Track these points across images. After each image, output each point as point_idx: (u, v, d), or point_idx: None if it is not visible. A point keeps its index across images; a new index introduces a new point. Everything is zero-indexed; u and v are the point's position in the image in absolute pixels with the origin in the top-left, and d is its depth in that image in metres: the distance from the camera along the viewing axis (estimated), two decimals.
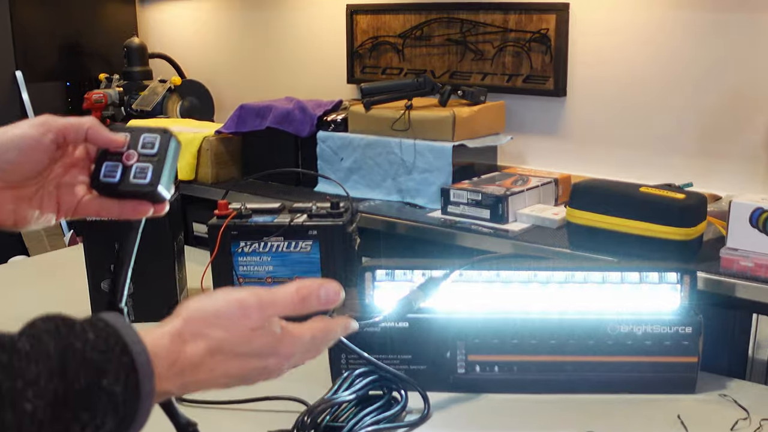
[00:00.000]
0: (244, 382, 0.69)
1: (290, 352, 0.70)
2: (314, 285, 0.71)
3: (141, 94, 2.80)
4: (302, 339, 0.71)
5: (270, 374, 0.70)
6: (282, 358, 0.70)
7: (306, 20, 2.76)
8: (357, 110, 2.08)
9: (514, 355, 1.29)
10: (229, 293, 0.68)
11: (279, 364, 0.70)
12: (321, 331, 0.73)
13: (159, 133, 0.77)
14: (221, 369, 0.66)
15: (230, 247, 1.55)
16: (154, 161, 0.77)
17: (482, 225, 1.77)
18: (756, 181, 1.89)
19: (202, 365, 0.65)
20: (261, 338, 0.68)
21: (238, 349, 0.66)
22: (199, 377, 0.65)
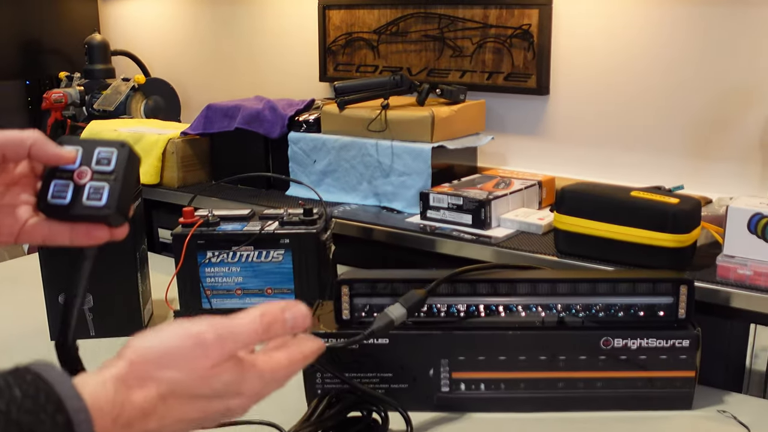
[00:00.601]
0: (203, 425, 0.61)
1: (256, 390, 0.63)
2: (279, 310, 0.64)
3: (103, 94, 2.72)
4: (269, 373, 0.64)
5: (233, 415, 0.63)
6: (246, 398, 0.62)
7: (276, 16, 2.69)
8: (330, 110, 2.01)
9: (502, 371, 1.25)
10: (181, 327, 0.60)
11: (243, 404, 0.63)
12: (290, 361, 0.65)
13: (116, 147, 0.68)
14: (175, 415, 0.58)
15: (196, 258, 1.49)
16: (110, 179, 0.68)
17: (464, 231, 1.70)
18: (749, 182, 1.84)
19: (152, 414, 0.56)
20: (222, 377, 0.60)
21: (196, 391, 0.59)
22: (149, 427, 0.56)
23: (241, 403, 0.63)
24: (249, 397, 0.63)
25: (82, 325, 1.53)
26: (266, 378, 0.63)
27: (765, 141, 1.79)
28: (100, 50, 2.84)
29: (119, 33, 3.18)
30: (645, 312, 1.24)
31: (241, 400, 0.62)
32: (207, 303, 1.50)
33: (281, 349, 0.66)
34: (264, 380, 0.63)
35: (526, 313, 1.25)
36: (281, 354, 0.65)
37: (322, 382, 1.25)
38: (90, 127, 2.37)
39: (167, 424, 0.58)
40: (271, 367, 0.64)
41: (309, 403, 1.22)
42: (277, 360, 0.65)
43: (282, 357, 0.65)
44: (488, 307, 1.25)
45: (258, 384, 0.63)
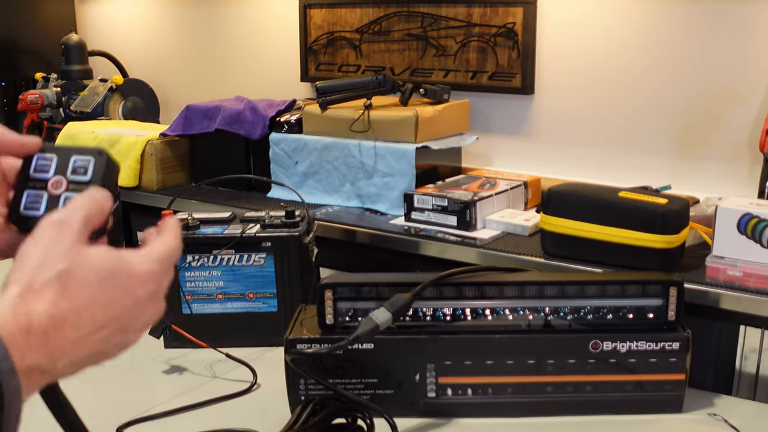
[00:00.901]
0: (124, 324, 0.61)
1: (154, 268, 0.63)
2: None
3: (80, 95, 2.68)
4: (151, 251, 0.64)
5: (148, 309, 0.63)
6: (146, 280, 0.62)
7: (256, 15, 2.66)
8: (312, 110, 1.97)
9: (489, 376, 1.24)
10: (41, 227, 0.61)
11: (147, 290, 0.62)
12: (167, 235, 0.67)
13: (93, 155, 0.65)
14: (87, 316, 0.57)
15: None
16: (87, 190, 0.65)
17: (449, 233, 1.67)
18: (737, 182, 1.83)
19: (64, 321, 0.56)
20: (99, 253, 0.60)
21: (85, 275, 0.58)
22: (69, 336, 0.56)
23: (145, 291, 0.61)
24: (144, 276, 0.61)
25: None
26: (152, 255, 0.63)
27: (753, 140, 1.78)
28: (76, 50, 2.79)
29: (96, 33, 3.13)
30: (634, 314, 1.23)
31: (143, 286, 0.61)
32: (187, 308, 1.47)
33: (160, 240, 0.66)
34: (146, 255, 0.63)
35: (514, 316, 1.23)
36: (159, 237, 0.66)
37: (305, 388, 1.23)
38: (67, 129, 2.33)
39: (86, 334, 0.58)
40: (149, 244, 0.65)
41: (292, 411, 1.21)
42: (150, 241, 0.65)
43: (160, 238, 0.66)
44: (475, 311, 1.24)
45: (142, 260, 0.62)
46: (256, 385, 1.34)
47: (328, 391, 1.20)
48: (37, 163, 0.65)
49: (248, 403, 1.30)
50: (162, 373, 1.41)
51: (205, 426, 1.20)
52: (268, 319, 1.48)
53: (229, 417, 1.25)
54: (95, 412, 1.26)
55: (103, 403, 1.31)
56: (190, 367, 1.42)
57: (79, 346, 0.57)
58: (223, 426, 1.20)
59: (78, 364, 0.59)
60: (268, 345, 1.48)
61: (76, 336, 0.57)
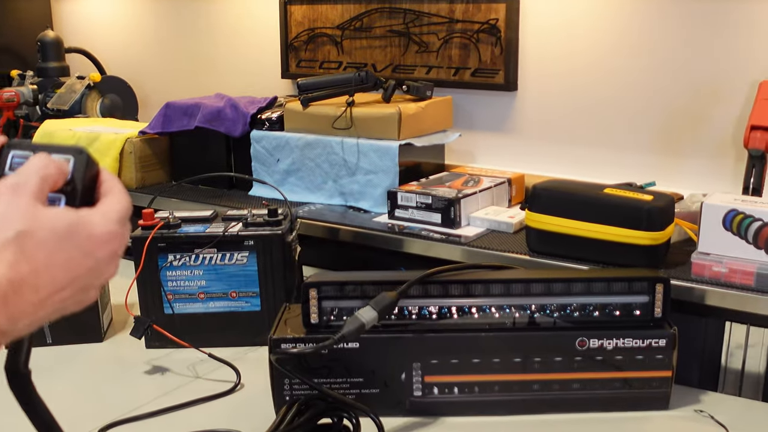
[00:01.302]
0: (84, 284, 0.60)
1: (108, 228, 0.61)
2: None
3: (57, 92, 2.65)
4: (105, 208, 0.63)
5: (107, 268, 0.62)
6: (102, 242, 0.60)
7: (237, 11, 2.64)
8: (293, 107, 1.96)
9: (475, 374, 1.23)
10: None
11: (104, 246, 0.61)
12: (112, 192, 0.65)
13: (72, 154, 0.63)
14: (46, 278, 0.56)
15: (157, 261, 1.45)
16: (66, 190, 0.63)
17: (433, 230, 1.66)
18: (721, 179, 1.83)
19: (23, 283, 0.55)
20: (54, 213, 0.59)
21: (43, 234, 0.57)
22: (28, 299, 0.56)
23: (105, 252, 0.60)
24: (103, 237, 0.60)
25: (38, 333, 1.47)
26: (105, 211, 0.62)
27: (737, 137, 1.78)
28: (53, 47, 2.76)
29: (73, 29, 3.09)
30: (620, 311, 1.23)
31: (104, 247, 0.60)
32: (169, 308, 1.45)
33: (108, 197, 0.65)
34: (104, 215, 0.61)
35: (500, 314, 1.23)
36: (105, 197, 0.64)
37: (290, 388, 1.22)
38: (44, 127, 2.30)
39: (46, 295, 0.57)
40: (104, 203, 0.63)
41: (277, 411, 1.19)
42: (104, 200, 0.64)
43: (113, 197, 0.64)
44: (461, 309, 1.23)
45: (101, 220, 0.61)
46: (239, 385, 1.33)
47: (314, 390, 1.18)
48: (13, 161, 0.63)
49: (232, 404, 1.28)
50: (144, 373, 1.39)
51: (188, 427, 1.18)
52: (251, 319, 1.46)
53: (212, 418, 1.23)
54: (77, 413, 1.24)
55: (85, 404, 1.29)
56: (173, 367, 1.40)
57: (39, 307, 0.57)
58: (207, 427, 1.19)
59: (38, 323, 0.58)
60: (251, 345, 1.46)
61: (36, 298, 0.56)
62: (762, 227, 1.31)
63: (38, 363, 0.65)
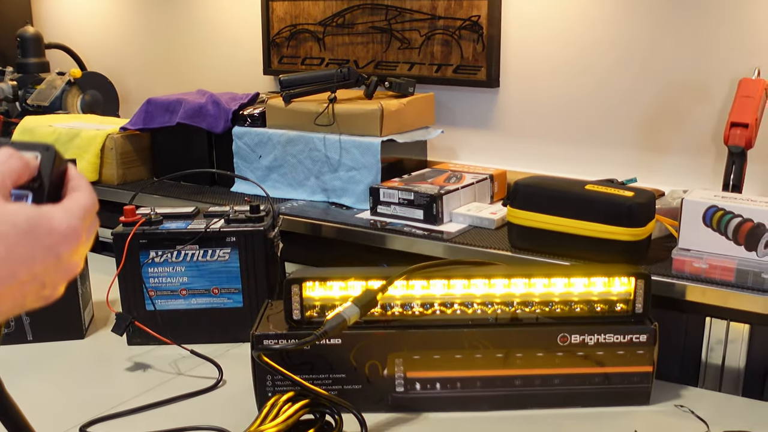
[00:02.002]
0: (46, 281, 0.59)
1: (67, 220, 0.60)
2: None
3: (37, 88, 2.62)
4: (69, 203, 0.61)
5: (71, 264, 0.60)
6: (62, 232, 0.59)
7: (218, 7, 2.62)
8: (275, 104, 1.95)
9: (457, 370, 1.24)
10: None
11: (63, 233, 0.59)
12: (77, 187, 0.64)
13: (39, 151, 0.62)
14: (6, 272, 0.55)
15: (139, 257, 1.44)
16: (33, 187, 0.62)
17: (415, 226, 1.66)
18: (702, 175, 1.84)
19: None
20: (25, 209, 0.58)
21: (5, 226, 0.56)
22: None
23: (67, 248, 0.59)
24: (65, 233, 0.59)
25: (19, 330, 1.46)
26: (68, 207, 0.61)
27: (717, 134, 1.79)
28: (33, 43, 2.74)
29: (53, 25, 3.06)
30: (602, 307, 1.24)
31: (66, 243, 0.59)
32: (150, 304, 1.44)
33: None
34: (67, 210, 0.60)
35: (482, 310, 1.23)
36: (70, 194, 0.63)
37: (273, 384, 1.22)
38: (24, 123, 2.28)
39: (5, 289, 0.56)
40: (68, 199, 0.62)
41: (260, 407, 1.19)
42: (69, 197, 0.62)
43: (78, 192, 0.63)
44: (443, 305, 1.23)
45: (63, 216, 0.60)
46: (222, 381, 1.33)
47: (296, 387, 1.18)
48: None
49: (214, 400, 1.28)
50: (125, 370, 1.38)
51: (170, 424, 1.18)
52: (233, 315, 1.46)
53: (195, 414, 1.23)
54: (58, 410, 1.24)
55: (66, 401, 1.28)
56: (155, 364, 1.40)
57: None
58: (190, 423, 1.18)
59: None
60: (233, 341, 1.46)
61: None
62: (741, 223, 1.32)
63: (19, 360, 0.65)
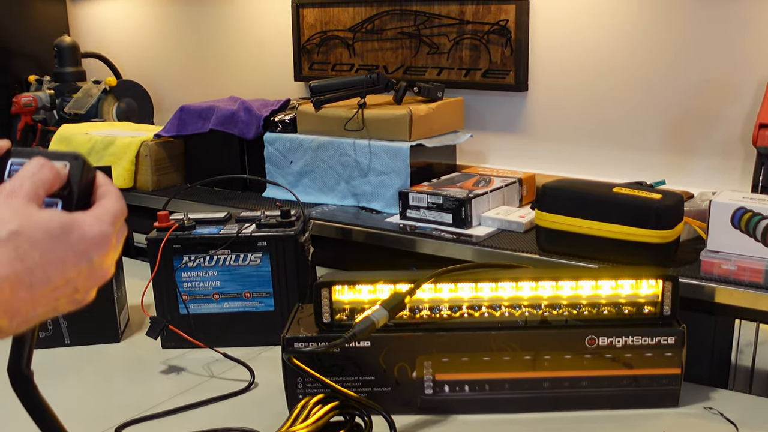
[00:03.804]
0: (79, 285, 0.61)
1: (97, 228, 0.62)
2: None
3: (74, 97, 2.67)
4: (98, 210, 0.64)
5: (102, 269, 0.63)
6: (92, 239, 0.61)
7: (249, 15, 2.65)
8: (306, 110, 1.97)
9: (486, 372, 1.24)
10: None
11: (95, 243, 0.61)
12: (107, 192, 0.66)
13: (68, 160, 0.64)
14: (41, 276, 0.57)
15: (172, 262, 1.46)
16: (63, 195, 0.64)
17: (444, 230, 1.67)
18: (731, 177, 1.83)
19: (18, 283, 0.56)
20: (58, 215, 0.60)
21: (39, 231, 0.58)
22: (21, 296, 0.57)
23: (99, 253, 0.61)
24: (96, 239, 0.61)
25: (56, 334, 1.50)
26: (99, 213, 0.63)
27: (746, 135, 1.78)
28: (70, 52, 2.78)
29: (89, 35, 3.12)
30: (630, 309, 1.23)
31: (97, 248, 0.61)
32: (184, 308, 1.46)
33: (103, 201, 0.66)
34: (98, 217, 0.62)
35: (510, 312, 1.23)
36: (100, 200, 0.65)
37: (303, 387, 1.23)
38: (61, 131, 2.32)
39: (40, 294, 0.58)
40: (98, 206, 0.64)
41: (290, 409, 1.20)
42: (98, 203, 0.64)
43: (107, 199, 0.65)
44: (471, 308, 1.23)
45: (94, 221, 0.62)
46: (253, 384, 1.34)
47: (326, 389, 1.19)
48: (12, 168, 0.65)
49: (246, 402, 1.29)
50: (160, 373, 1.40)
51: (203, 425, 1.20)
52: (264, 319, 1.47)
53: (227, 416, 1.24)
54: (94, 412, 1.26)
55: (102, 403, 1.31)
56: (188, 367, 1.42)
57: (33, 305, 0.58)
58: (222, 425, 1.20)
59: (32, 320, 0.59)
60: (265, 344, 1.48)
61: (30, 296, 0.57)
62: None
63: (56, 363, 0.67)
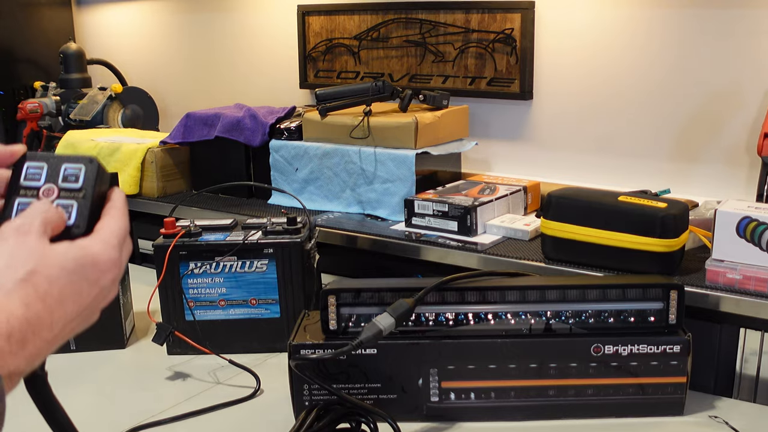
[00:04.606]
0: (91, 312, 0.63)
1: (109, 254, 0.64)
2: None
3: (79, 103, 2.68)
4: (104, 233, 0.65)
5: (110, 292, 0.65)
6: (105, 266, 0.63)
7: (255, 22, 2.66)
8: (312, 117, 1.98)
9: (492, 380, 1.24)
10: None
11: (107, 269, 0.63)
12: (112, 215, 0.67)
13: (83, 163, 0.65)
14: (59, 313, 0.58)
15: (179, 269, 1.47)
16: (78, 197, 0.65)
17: (450, 238, 1.68)
18: (736, 186, 1.83)
19: (39, 323, 0.57)
20: (62, 249, 0.61)
21: (52, 270, 0.59)
22: (44, 336, 0.57)
23: (109, 278, 0.63)
24: (107, 265, 0.63)
25: None
26: (105, 238, 0.64)
27: (751, 144, 1.79)
28: (75, 59, 2.79)
29: (95, 41, 3.13)
30: (635, 318, 1.24)
31: (107, 274, 0.63)
32: (190, 315, 1.47)
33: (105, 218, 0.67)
34: (105, 242, 0.64)
35: (516, 320, 1.24)
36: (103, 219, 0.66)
37: (309, 394, 1.24)
38: (67, 137, 2.33)
39: (59, 331, 0.59)
40: (103, 228, 0.65)
41: (297, 416, 1.21)
42: (102, 224, 0.66)
43: (112, 220, 0.66)
44: (477, 315, 1.24)
45: (103, 248, 0.63)
46: (259, 390, 1.35)
47: (332, 396, 1.20)
48: (28, 172, 0.65)
49: (252, 409, 1.30)
50: (165, 379, 1.41)
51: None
52: (270, 325, 1.48)
53: (233, 423, 1.25)
54: (100, 418, 1.27)
55: (108, 409, 1.31)
56: (194, 373, 1.42)
57: (53, 343, 0.59)
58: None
59: (47, 355, 0.60)
60: (270, 351, 1.48)
61: (51, 336, 0.58)
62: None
63: (62, 369, 0.67)
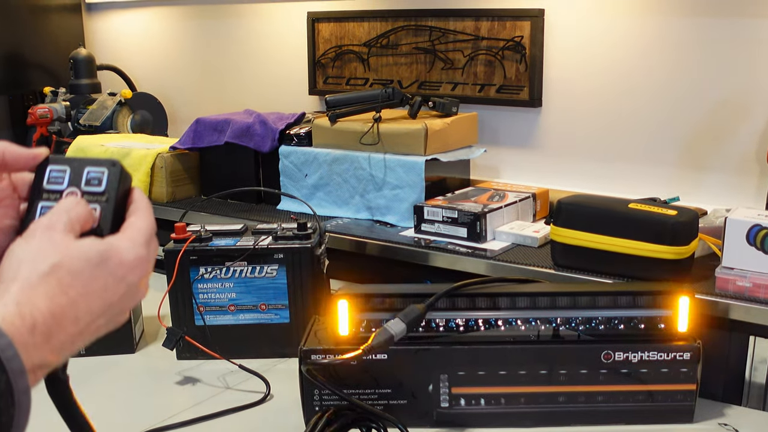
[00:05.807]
0: (119, 310, 0.63)
1: (135, 252, 0.63)
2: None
3: (89, 109, 2.69)
4: (132, 232, 0.65)
5: (136, 286, 0.64)
6: (131, 264, 0.63)
7: (264, 29, 2.67)
8: (321, 123, 1.99)
9: (502, 386, 1.24)
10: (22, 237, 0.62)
11: (134, 270, 0.63)
12: (139, 215, 0.67)
13: (106, 167, 0.66)
14: (83, 307, 0.59)
15: (189, 274, 1.47)
16: (102, 201, 0.65)
17: (459, 244, 1.68)
18: (745, 193, 1.83)
19: (64, 316, 0.57)
20: (87, 245, 0.61)
21: (77, 264, 0.59)
22: (69, 331, 0.58)
23: (136, 276, 0.63)
24: (133, 263, 0.63)
25: None
26: (132, 236, 0.64)
27: (760, 152, 1.79)
28: (85, 65, 2.81)
29: (105, 47, 3.14)
30: (645, 325, 1.24)
31: (134, 271, 0.63)
32: (200, 319, 1.47)
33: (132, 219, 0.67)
34: (132, 240, 0.63)
35: (526, 327, 1.24)
36: (130, 219, 0.66)
37: (320, 399, 1.24)
38: (76, 143, 2.34)
39: (85, 326, 0.59)
40: (130, 227, 0.65)
41: (307, 421, 1.21)
42: (129, 223, 0.65)
43: (139, 219, 0.66)
44: (487, 322, 1.24)
45: (130, 245, 0.63)
46: (269, 395, 1.35)
47: (343, 401, 1.20)
48: (51, 175, 0.66)
49: (262, 414, 1.30)
50: (175, 384, 1.41)
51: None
52: (280, 331, 1.48)
53: (242, 428, 1.25)
54: (110, 423, 1.27)
55: (117, 414, 1.31)
56: (204, 378, 1.42)
57: (79, 337, 0.59)
58: None
59: (74, 351, 0.60)
60: (280, 356, 1.48)
61: (76, 330, 0.58)
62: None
63: (72, 373, 0.67)
